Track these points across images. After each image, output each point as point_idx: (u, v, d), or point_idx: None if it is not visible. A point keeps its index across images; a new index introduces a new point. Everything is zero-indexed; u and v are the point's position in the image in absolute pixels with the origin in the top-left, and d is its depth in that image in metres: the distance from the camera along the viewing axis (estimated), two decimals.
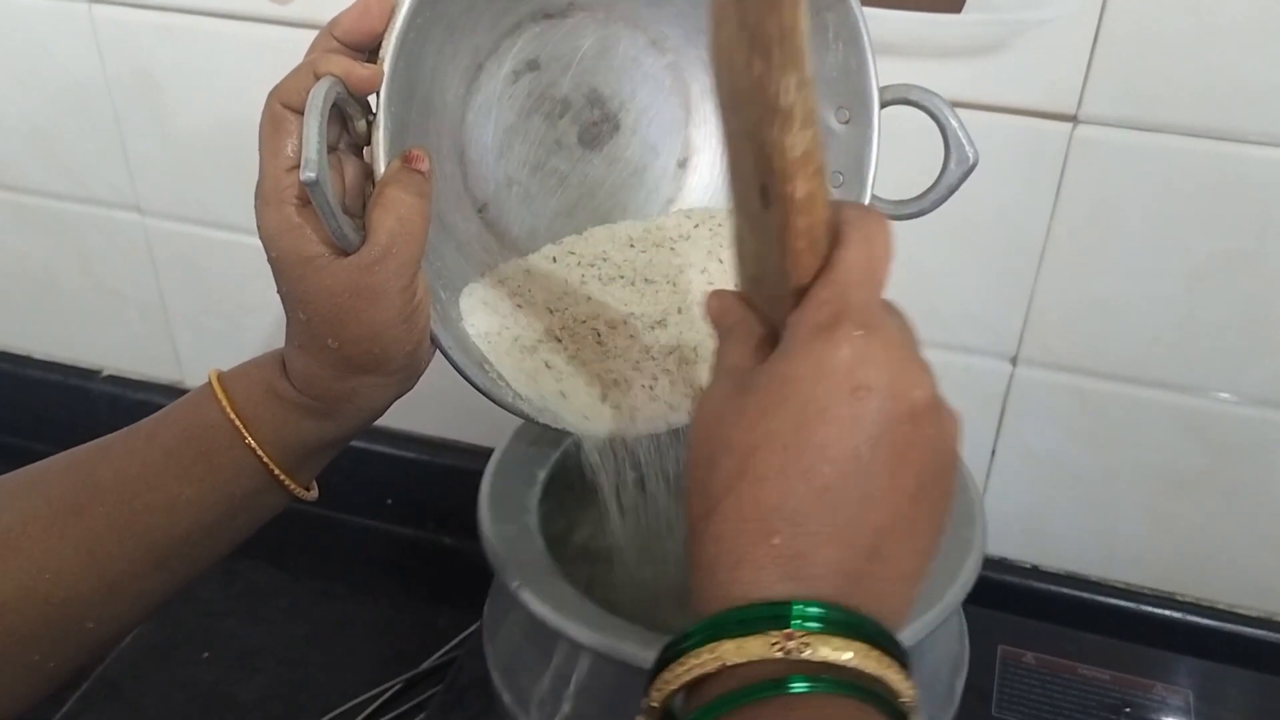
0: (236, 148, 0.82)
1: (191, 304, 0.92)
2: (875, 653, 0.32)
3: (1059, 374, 0.72)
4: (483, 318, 0.51)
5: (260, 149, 0.43)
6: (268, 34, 0.75)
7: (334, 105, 0.41)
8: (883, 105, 0.50)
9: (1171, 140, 0.63)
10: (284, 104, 0.43)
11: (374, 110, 0.43)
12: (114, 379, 0.98)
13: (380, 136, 0.43)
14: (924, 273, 0.70)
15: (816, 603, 0.32)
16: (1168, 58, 0.60)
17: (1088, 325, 0.70)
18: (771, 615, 0.32)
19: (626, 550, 0.56)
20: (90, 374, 0.99)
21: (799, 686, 0.31)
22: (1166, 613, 0.78)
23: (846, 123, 0.51)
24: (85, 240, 0.91)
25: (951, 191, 0.50)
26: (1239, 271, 0.66)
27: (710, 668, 0.32)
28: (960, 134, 0.49)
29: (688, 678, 0.33)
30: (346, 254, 0.43)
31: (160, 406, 0.97)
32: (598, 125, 0.54)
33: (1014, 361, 0.73)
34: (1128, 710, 0.70)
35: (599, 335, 0.53)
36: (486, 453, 0.59)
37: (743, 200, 0.37)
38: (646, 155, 0.56)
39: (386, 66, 0.42)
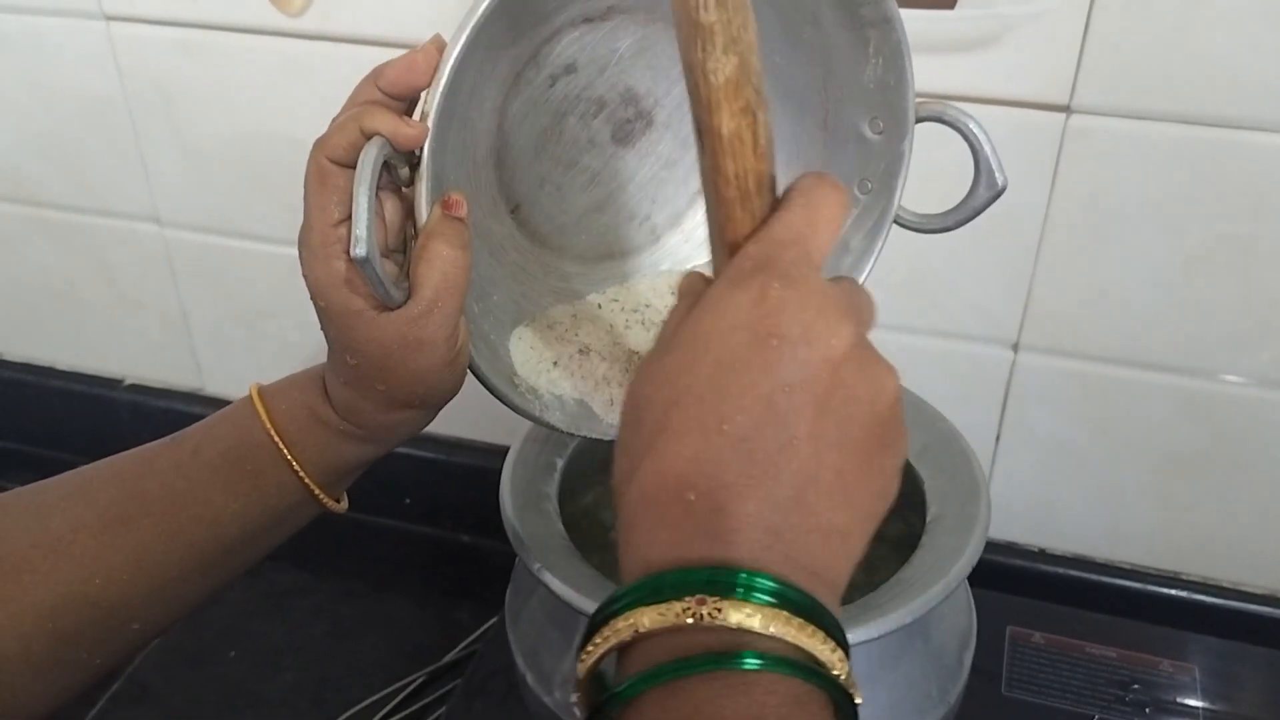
0: (253, 159, 0.84)
1: (211, 312, 0.94)
2: (797, 620, 0.31)
3: (1060, 359, 0.74)
4: (529, 362, 0.53)
5: (306, 201, 0.44)
6: (281, 47, 0.77)
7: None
8: (917, 121, 0.50)
9: (1163, 128, 0.64)
10: (330, 159, 0.43)
11: (417, 155, 0.44)
12: (136, 388, 1.00)
13: (423, 188, 0.44)
14: (925, 263, 0.72)
15: (733, 568, 0.31)
16: (1156, 47, 0.62)
17: (1087, 311, 0.71)
18: (683, 581, 0.31)
19: None
20: (113, 383, 1.01)
21: (751, 663, 0.30)
22: (1172, 591, 0.79)
23: (880, 133, 0.51)
24: (106, 252, 0.94)
25: (977, 214, 0.51)
26: (1234, 255, 0.67)
27: (627, 635, 0.32)
28: (992, 159, 0.49)
29: (605, 647, 0.32)
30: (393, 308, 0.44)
31: (181, 414, 0.99)
32: (631, 123, 0.54)
33: (1015, 348, 0.74)
34: (1135, 687, 0.71)
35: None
36: (502, 451, 0.61)
37: (700, 162, 0.37)
38: (678, 149, 0.56)
39: (431, 122, 0.42)
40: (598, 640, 0.33)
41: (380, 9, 0.73)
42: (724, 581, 0.31)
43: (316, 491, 0.49)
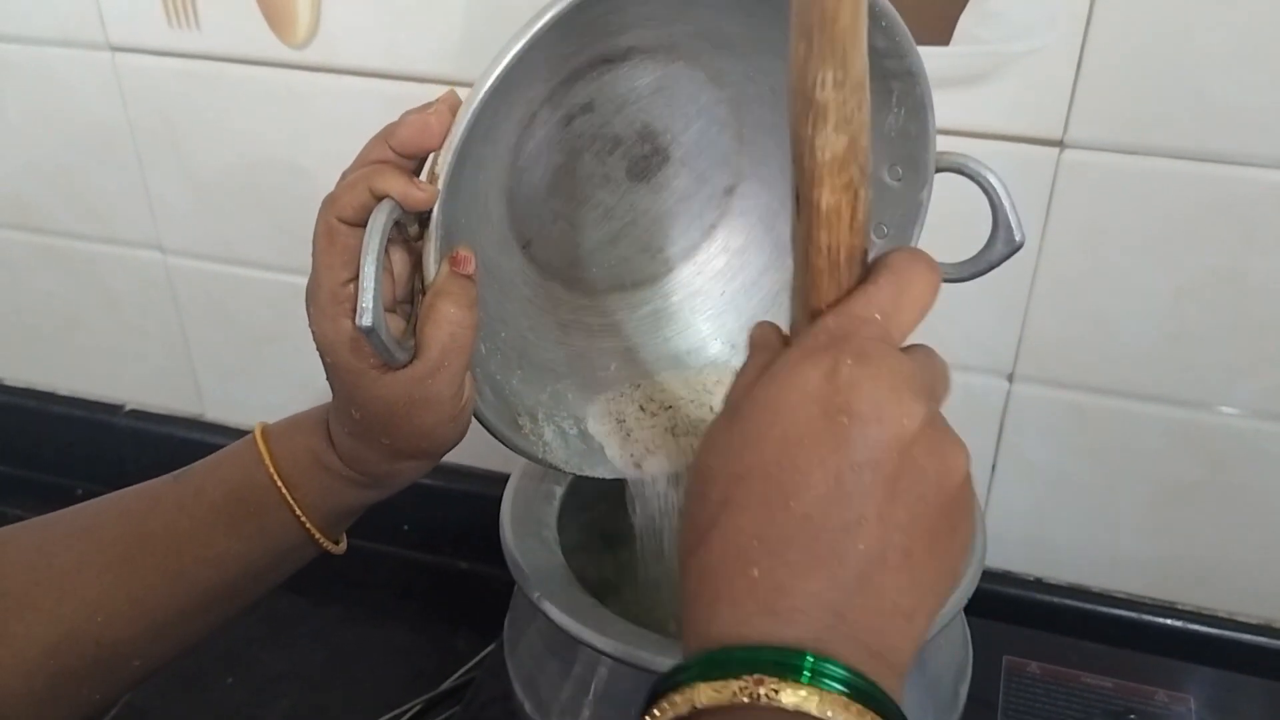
0: (256, 187, 0.84)
1: (212, 339, 0.94)
2: (855, 705, 0.30)
3: (1055, 390, 0.74)
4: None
5: (315, 259, 0.44)
6: (284, 78, 0.78)
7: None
8: (936, 170, 0.50)
9: (1155, 163, 0.65)
10: (340, 218, 0.43)
11: (426, 212, 0.44)
12: (136, 413, 1.00)
13: (432, 247, 0.44)
14: None
15: (795, 651, 0.31)
16: (1148, 84, 0.63)
17: (1081, 342, 0.72)
18: (743, 659, 0.31)
19: (644, 556, 0.58)
20: (113, 409, 1.01)
21: None
22: (1168, 621, 0.79)
23: (899, 180, 0.51)
24: (109, 279, 0.94)
25: (993, 267, 0.50)
26: (1226, 287, 0.68)
27: (683, 710, 0.31)
28: (1011, 214, 0.48)
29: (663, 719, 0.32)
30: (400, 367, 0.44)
31: (182, 440, 0.99)
32: (647, 159, 0.54)
33: (1010, 379, 0.75)
34: (1132, 717, 0.71)
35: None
36: (501, 479, 0.61)
37: (793, 215, 0.36)
38: (693, 184, 0.56)
39: (441, 184, 0.42)
40: (655, 712, 0.32)
41: (383, 41, 0.74)
42: (786, 663, 0.31)
43: (317, 535, 0.50)
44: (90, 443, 1.01)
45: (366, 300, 0.40)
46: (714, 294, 0.60)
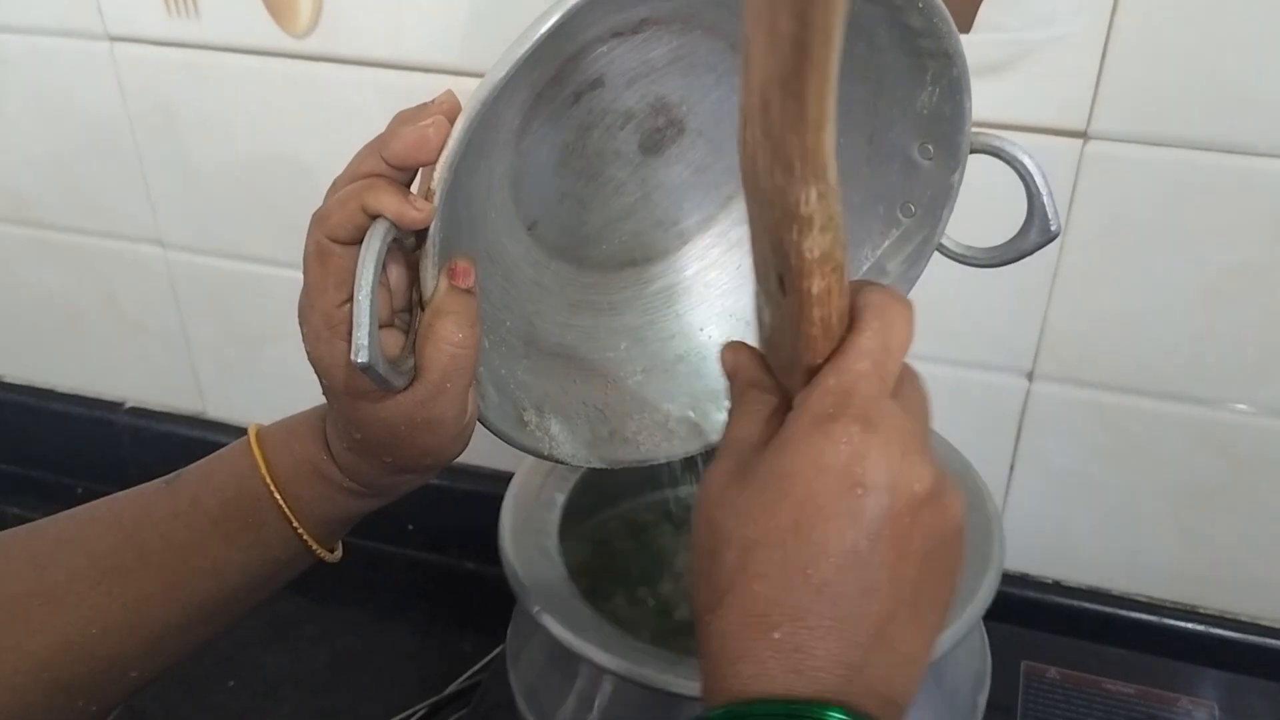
0: (257, 181, 0.83)
1: (213, 335, 0.93)
2: None
3: (1075, 389, 0.73)
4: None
5: (306, 277, 0.42)
6: (285, 68, 0.77)
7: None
8: (970, 152, 0.48)
9: (1181, 154, 0.63)
10: (331, 238, 0.41)
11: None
12: (136, 411, 0.99)
13: (429, 263, 0.42)
14: (939, 290, 0.70)
15: (819, 704, 0.32)
16: (1175, 73, 0.61)
17: (1103, 340, 0.70)
18: (767, 713, 0.32)
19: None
20: (113, 406, 1.00)
21: None
22: (1190, 626, 0.78)
23: (930, 160, 0.49)
24: (108, 275, 0.93)
25: (1025, 255, 0.49)
26: (1252, 283, 0.66)
27: None
28: (1048, 203, 0.47)
29: None
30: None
31: (183, 438, 0.98)
32: (661, 131, 0.52)
33: (1030, 377, 0.73)
34: None
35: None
36: (506, 477, 0.60)
37: (762, 275, 0.37)
38: (710, 155, 0.54)
39: (438, 201, 0.40)
40: None
41: (387, 30, 0.73)
42: (805, 715, 0.32)
43: (313, 546, 0.49)
44: (90, 440, 1.00)
45: (361, 337, 0.38)
46: (729, 267, 0.58)
